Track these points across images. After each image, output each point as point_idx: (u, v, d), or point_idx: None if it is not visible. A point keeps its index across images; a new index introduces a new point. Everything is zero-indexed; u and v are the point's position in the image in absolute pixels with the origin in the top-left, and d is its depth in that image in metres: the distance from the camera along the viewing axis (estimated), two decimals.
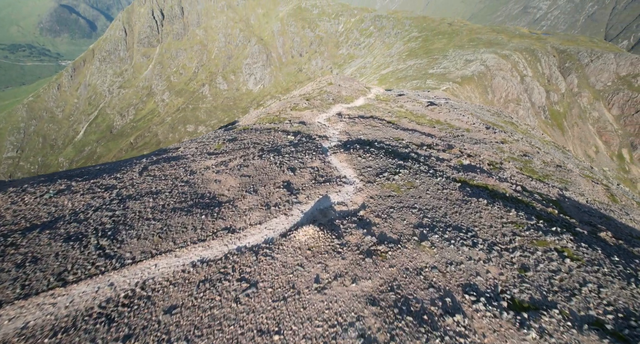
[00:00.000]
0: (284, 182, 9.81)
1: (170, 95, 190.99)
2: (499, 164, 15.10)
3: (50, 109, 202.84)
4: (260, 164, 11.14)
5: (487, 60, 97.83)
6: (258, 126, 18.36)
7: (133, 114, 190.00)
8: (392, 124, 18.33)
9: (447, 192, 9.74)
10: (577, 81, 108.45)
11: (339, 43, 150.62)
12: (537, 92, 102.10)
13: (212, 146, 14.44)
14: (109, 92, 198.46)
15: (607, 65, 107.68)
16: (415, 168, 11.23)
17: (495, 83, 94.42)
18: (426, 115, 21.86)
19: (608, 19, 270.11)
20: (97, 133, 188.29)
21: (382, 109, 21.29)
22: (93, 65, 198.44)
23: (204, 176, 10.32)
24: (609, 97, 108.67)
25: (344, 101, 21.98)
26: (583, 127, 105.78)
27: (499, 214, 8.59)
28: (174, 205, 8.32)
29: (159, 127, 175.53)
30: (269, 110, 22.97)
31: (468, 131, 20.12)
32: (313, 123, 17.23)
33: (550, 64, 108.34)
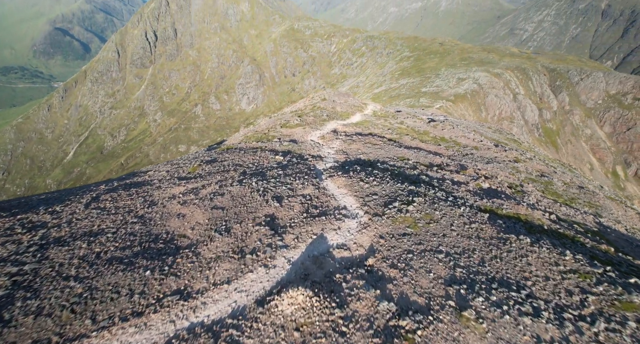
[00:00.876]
0: (267, 217, 7.57)
1: (162, 115, 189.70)
2: (520, 187, 13.08)
3: (40, 130, 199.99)
4: (239, 192, 8.92)
5: (480, 78, 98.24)
6: (243, 145, 16.25)
7: (124, 135, 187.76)
8: (393, 142, 16.35)
9: (477, 227, 7.57)
10: (569, 99, 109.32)
11: (331, 63, 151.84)
12: (530, 109, 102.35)
13: (186, 168, 12.22)
14: (100, 113, 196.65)
15: (597, 84, 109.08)
16: (430, 195, 9.08)
17: (489, 101, 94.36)
18: (429, 132, 19.96)
19: (591, 41, 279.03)
20: (87, 154, 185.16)
21: (381, 126, 19.37)
22: (85, 86, 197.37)
23: (166, 209, 8.06)
24: (600, 114, 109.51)
25: (339, 117, 20.02)
26: (576, 144, 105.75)
27: (551, 258, 6.42)
28: (114, 253, 6.02)
29: (151, 147, 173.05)
30: (258, 128, 20.97)
31: (477, 149, 18.22)
32: (305, 141, 15.19)
33: (542, 82, 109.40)
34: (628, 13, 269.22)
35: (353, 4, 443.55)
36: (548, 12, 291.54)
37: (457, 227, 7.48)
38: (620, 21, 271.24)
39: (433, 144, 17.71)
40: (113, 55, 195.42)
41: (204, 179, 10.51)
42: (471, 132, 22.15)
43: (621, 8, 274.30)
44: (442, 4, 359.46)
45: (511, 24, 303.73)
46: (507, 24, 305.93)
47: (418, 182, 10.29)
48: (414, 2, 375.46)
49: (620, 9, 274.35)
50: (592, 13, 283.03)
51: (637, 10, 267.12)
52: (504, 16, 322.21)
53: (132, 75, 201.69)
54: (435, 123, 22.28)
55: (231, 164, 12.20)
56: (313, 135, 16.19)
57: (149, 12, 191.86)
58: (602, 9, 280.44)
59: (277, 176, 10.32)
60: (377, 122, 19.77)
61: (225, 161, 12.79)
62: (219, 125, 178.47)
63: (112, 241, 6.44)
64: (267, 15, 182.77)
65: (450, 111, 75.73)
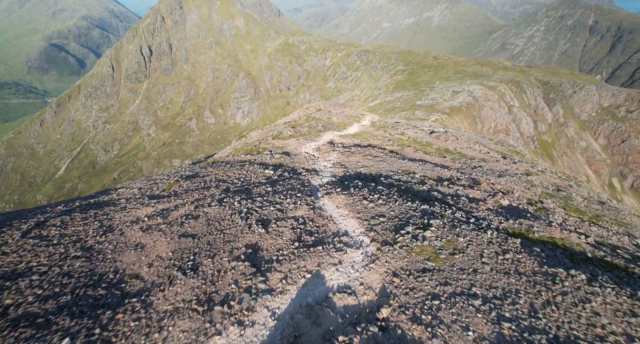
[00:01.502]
0: (248, 248, 5.94)
1: (156, 129, 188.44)
2: (540, 203, 11.60)
3: (31, 145, 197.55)
4: (217, 214, 7.30)
5: (474, 91, 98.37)
6: (231, 158, 14.69)
7: (118, 149, 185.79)
8: (395, 154, 14.90)
9: (512, 257, 6.00)
10: (563, 112, 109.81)
11: (326, 77, 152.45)
12: (525, 122, 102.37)
13: (162, 185, 10.60)
14: (93, 128, 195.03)
15: (590, 97, 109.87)
16: (449, 216, 7.51)
17: (484, 113, 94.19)
18: (432, 143, 18.55)
19: (580, 55, 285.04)
20: (80, 169, 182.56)
21: (381, 137, 17.93)
22: (78, 101, 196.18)
23: (123, 237, 6.40)
24: (594, 127, 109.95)
25: (335, 128, 18.56)
26: (572, 156, 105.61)
27: (622, 304, 4.84)
28: (29, 307, 4.32)
29: (144, 162, 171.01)
30: (248, 140, 19.46)
31: (484, 161, 16.82)
32: (299, 154, 13.68)
33: (535, 95, 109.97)
34: (614, 29, 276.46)
35: (347, 19, 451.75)
36: (537, 28, 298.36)
37: (488, 258, 5.89)
38: (608, 37, 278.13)
39: (438, 156, 16.29)
40: (107, 70, 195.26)
41: (178, 198, 8.88)
42: (475, 143, 20.81)
43: (607, 24, 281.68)
44: (435, 19, 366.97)
45: (502, 38, 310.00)
46: (498, 39, 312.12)
47: (430, 200, 8.75)
48: (406, 18, 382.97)
49: (606, 25, 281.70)
50: (580, 29, 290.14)
51: (623, 27, 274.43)
52: (495, 31, 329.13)
53: (126, 90, 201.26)
54: (438, 134, 20.92)
55: (214, 180, 10.61)
56: (308, 147, 14.67)
57: (144, 27, 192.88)
58: (590, 25, 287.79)
59: (265, 193, 8.73)
60: (376, 133, 18.36)
61: (208, 176, 11.19)
62: (213, 139, 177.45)
63: (35, 286, 4.75)
64: (262, 30, 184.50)
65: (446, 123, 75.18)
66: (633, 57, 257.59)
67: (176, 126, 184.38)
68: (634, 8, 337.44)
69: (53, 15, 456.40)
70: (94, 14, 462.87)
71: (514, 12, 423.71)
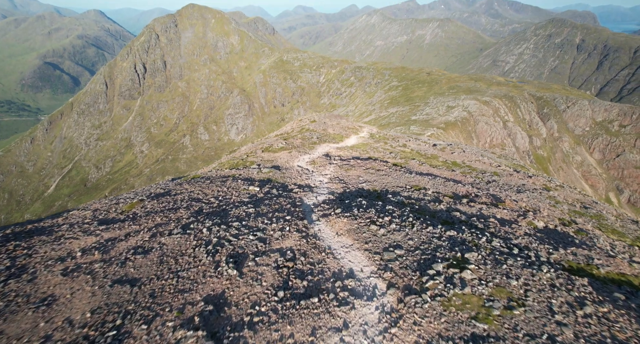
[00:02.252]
0: (208, 303, 3.96)
1: (149, 146, 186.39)
2: (574, 224, 9.81)
3: (21, 163, 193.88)
4: (175, 247, 5.36)
5: (469, 106, 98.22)
6: (214, 173, 12.79)
7: (110, 167, 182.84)
8: (400, 168, 13.12)
9: (594, 313, 4.11)
10: (557, 126, 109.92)
11: (320, 93, 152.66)
12: (520, 136, 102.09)
13: (122, 206, 8.65)
14: (85, 145, 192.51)
15: (583, 111, 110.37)
16: (484, 245, 5.63)
17: (479, 128, 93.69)
18: (438, 156, 16.84)
19: (569, 72, 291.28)
20: (70, 187, 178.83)
21: (382, 149, 16.19)
22: (71, 118, 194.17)
23: (32, 285, 4.42)
24: (588, 141, 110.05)
25: (331, 139, 16.78)
26: (568, 171, 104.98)
27: None
28: None
29: (137, 179, 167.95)
30: (236, 154, 17.62)
31: (497, 175, 15.10)
32: (291, 167, 11.84)
33: (530, 110, 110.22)
34: (601, 47, 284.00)
35: (340, 37, 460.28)
36: (527, 46, 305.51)
37: (563, 315, 3.99)
38: (594, 55, 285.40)
39: (446, 170, 14.54)
40: (101, 87, 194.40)
41: (135, 223, 6.92)
42: (483, 156, 19.16)
43: (594, 43, 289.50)
44: (427, 37, 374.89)
45: (493, 56, 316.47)
46: (489, 56, 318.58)
47: (454, 223, 6.89)
48: (399, 36, 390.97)
49: (593, 43, 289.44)
50: (568, 47, 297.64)
51: (609, 45, 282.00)
52: (486, 49, 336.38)
53: (119, 107, 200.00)
54: (442, 146, 19.22)
55: (186, 199, 8.68)
56: (301, 160, 12.82)
57: (139, 45, 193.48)
58: (577, 43, 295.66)
59: (245, 216, 6.80)
60: (376, 145, 16.62)
61: (180, 195, 9.25)
62: (207, 155, 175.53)
63: None
64: (257, 47, 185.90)
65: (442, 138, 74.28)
66: (620, 74, 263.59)
67: (169, 142, 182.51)
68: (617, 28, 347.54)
69: (49, 34, 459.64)
70: (90, 33, 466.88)
71: (503, 30, 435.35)
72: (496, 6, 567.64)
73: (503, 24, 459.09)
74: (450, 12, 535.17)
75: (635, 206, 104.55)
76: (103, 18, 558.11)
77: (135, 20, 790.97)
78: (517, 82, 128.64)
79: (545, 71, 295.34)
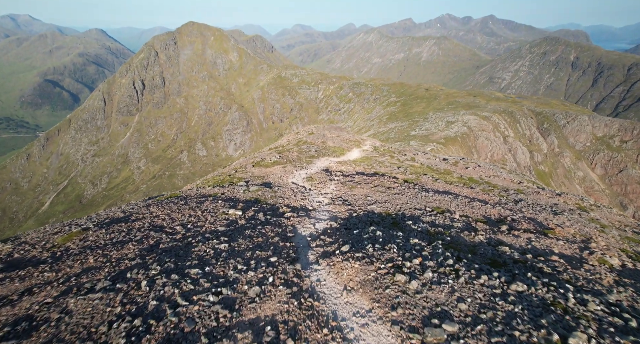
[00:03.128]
0: None
1: (146, 162, 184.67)
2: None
3: (16, 180, 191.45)
4: (81, 320, 3.31)
5: (469, 121, 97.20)
6: (194, 191, 10.79)
7: (106, 183, 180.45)
8: (413, 185, 11.15)
9: None
10: (557, 142, 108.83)
11: (319, 109, 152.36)
12: (521, 152, 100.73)
13: (58, 237, 6.58)
14: (82, 161, 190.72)
15: (584, 127, 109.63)
16: (580, 312, 3.60)
17: (480, 143, 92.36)
18: (451, 171, 14.89)
19: (565, 89, 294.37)
20: (65, 204, 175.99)
21: (388, 164, 14.24)
22: (68, 135, 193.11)
23: None
24: (590, 157, 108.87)
25: (331, 153, 14.81)
26: (570, 187, 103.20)
27: None
28: None
29: (133, 195, 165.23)
30: (225, 169, 15.64)
31: (522, 193, 13.14)
32: (284, 185, 9.85)
33: (530, 125, 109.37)
34: (595, 65, 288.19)
35: (338, 55, 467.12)
36: (522, 63, 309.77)
37: None
38: (589, 72, 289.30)
39: (465, 187, 12.56)
40: (99, 103, 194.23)
41: (52, 269, 4.83)
42: (501, 171, 17.21)
43: (588, 60, 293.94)
44: (424, 55, 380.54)
45: (489, 73, 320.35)
46: (485, 73, 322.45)
47: (507, 265, 4.85)
48: (396, 53, 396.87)
49: (587, 61, 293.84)
50: (563, 64, 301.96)
51: (603, 63, 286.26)
52: (482, 66, 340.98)
53: (117, 123, 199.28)
54: (454, 160, 17.26)
55: (145, 228, 6.64)
56: (296, 176, 10.82)
57: (138, 62, 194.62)
58: (571, 61, 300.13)
59: (213, 256, 4.76)
60: (382, 159, 14.68)
61: (140, 221, 7.21)
62: (204, 171, 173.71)
63: None
64: (255, 64, 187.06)
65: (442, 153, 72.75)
66: (615, 91, 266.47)
67: (167, 158, 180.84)
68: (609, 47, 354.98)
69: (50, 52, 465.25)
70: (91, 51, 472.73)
71: (499, 48, 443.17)
72: (491, 25, 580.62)
73: (498, 42, 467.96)
74: (446, 31, 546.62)
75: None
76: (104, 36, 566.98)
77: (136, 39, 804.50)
78: (515, 98, 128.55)
79: (541, 88, 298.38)
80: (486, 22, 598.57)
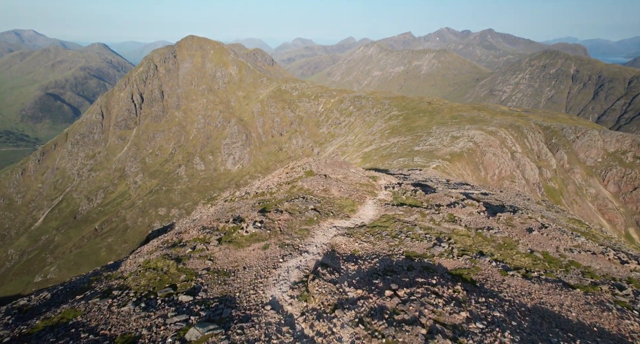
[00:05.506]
0: None
1: (143, 177, 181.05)
2: None
3: (9, 195, 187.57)
4: None
5: (475, 136, 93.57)
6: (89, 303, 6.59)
7: (102, 198, 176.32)
8: (471, 286, 6.98)
9: None
10: (567, 157, 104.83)
11: (319, 122, 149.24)
12: (530, 168, 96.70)
13: None
14: (78, 176, 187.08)
15: (594, 142, 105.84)
16: None
17: (487, 160, 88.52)
18: (513, 242, 10.67)
19: (566, 102, 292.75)
20: (59, 219, 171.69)
21: (422, 231, 10.15)
22: (64, 149, 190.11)
23: None
24: (602, 173, 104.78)
25: (337, 211, 10.64)
26: (583, 205, 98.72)
27: None
28: None
29: (128, 211, 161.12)
30: (170, 238, 11.25)
31: (635, 284, 8.85)
32: (256, 306, 5.62)
33: (538, 140, 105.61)
34: (595, 78, 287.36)
35: (339, 68, 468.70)
36: (523, 76, 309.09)
37: None
38: (590, 85, 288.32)
39: (554, 285, 8.22)
40: (97, 117, 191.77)
41: None
42: (578, 237, 12.98)
43: (588, 73, 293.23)
44: (423, 68, 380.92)
45: (490, 85, 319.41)
46: (486, 86, 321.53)
47: None
48: (396, 66, 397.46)
49: (587, 74, 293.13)
50: (563, 77, 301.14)
51: (603, 76, 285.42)
52: (482, 79, 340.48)
53: (115, 137, 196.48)
54: (509, 217, 12.95)
55: None
56: (282, 274, 6.65)
57: (137, 75, 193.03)
58: (571, 74, 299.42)
59: None
60: (410, 218, 10.58)
61: None
62: (202, 186, 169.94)
63: None
64: (255, 78, 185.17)
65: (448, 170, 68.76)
66: (616, 104, 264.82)
67: (164, 172, 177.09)
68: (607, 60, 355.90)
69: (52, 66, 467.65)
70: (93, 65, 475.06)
71: (498, 61, 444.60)
72: (490, 38, 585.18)
73: (497, 55, 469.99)
74: (446, 44, 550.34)
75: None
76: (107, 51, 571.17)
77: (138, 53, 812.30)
78: (521, 112, 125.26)
79: (542, 100, 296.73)
80: (485, 35, 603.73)
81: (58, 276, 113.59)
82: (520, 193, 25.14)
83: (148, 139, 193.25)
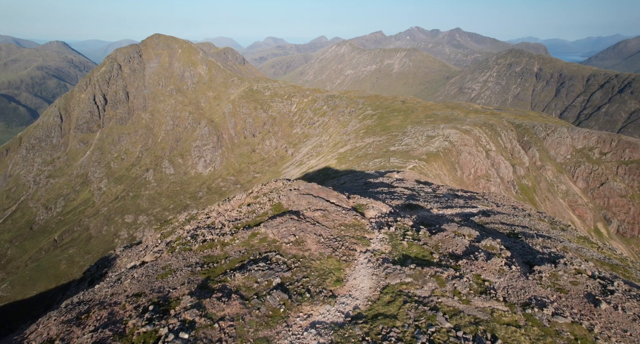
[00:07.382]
0: None
1: (108, 182, 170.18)
2: None
3: None
4: None
5: (450, 135, 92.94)
6: None
7: (62, 206, 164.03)
8: None
9: None
10: (539, 154, 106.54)
11: (292, 122, 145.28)
12: (504, 166, 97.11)
13: None
14: (34, 183, 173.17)
15: (563, 139, 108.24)
16: None
17: (463, 159, 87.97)
18: (587, 335, 7.56)
19: (531, 99, 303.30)
20: (13, 231, 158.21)
21: (446, 315, 6.87)
22: (18, 155, 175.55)
23: None
24: (571, 169, 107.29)
25: (316, 282, 7.15)
26: (554, 201, 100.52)
27: None
28: None
29: (92, 219, 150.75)
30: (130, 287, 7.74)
31: None
32: None
33: (510, 138, 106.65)
34: (557, 76, 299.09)
35: (311, 67, 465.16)
36: (490, 74, 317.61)
37: None
38: (552, 82, 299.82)
39: None
40: (55, 120, 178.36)
41: None
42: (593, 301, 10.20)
43: (550, 72, 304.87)
44: (395, 66, 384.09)
45: (459, 83, 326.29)
46: (456, 84, 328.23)
47: None
48: (368, 65, 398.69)
49: (549, 72, 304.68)
50: (528, 75, 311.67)
51: (564, 74, 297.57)
52: (452, 77, 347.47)
53: (76, 141, 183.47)
54: (552, 273, 9.93)
55: None
56: None
57: (99, 75, 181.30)
58: (535, 72, 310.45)
59: None
60: (423, 292, 7.30)
61: None
62: (172, 191, 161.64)
63: None
64: (226, 77, 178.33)
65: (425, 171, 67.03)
66: (576, 100, 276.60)
67: (131, 177, 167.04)
68: (565, 59, 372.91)
69: (5, 65, 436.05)
70: (51, 64, 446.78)
71: (467, 60, 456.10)
72: (458, 37, 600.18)
73: (465, 54, 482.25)
74: (416, 43, 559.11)
75: (625, 237, 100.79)
76: (67, 49, 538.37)
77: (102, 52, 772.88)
78: (494, 110, 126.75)
79: (509, 97, 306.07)
80: (453, 34, 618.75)
81: (10, 294, 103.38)
82: (516, 206, 22.72)
83: (113, 142, 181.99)
